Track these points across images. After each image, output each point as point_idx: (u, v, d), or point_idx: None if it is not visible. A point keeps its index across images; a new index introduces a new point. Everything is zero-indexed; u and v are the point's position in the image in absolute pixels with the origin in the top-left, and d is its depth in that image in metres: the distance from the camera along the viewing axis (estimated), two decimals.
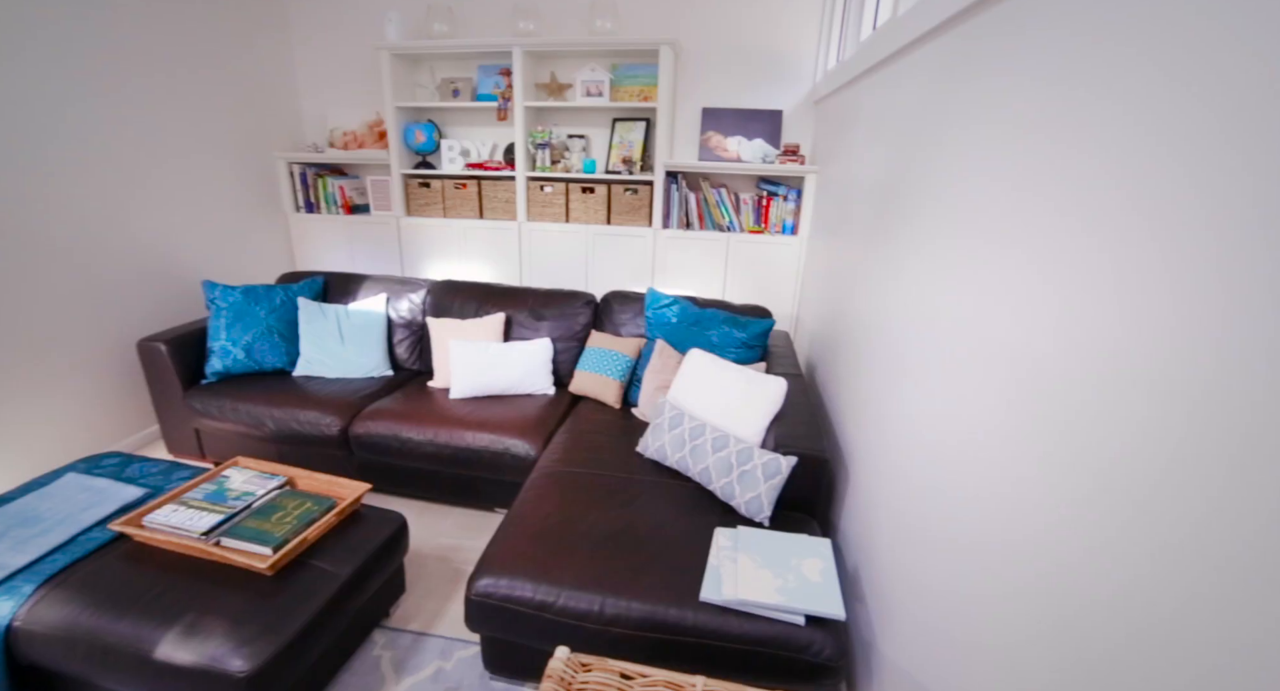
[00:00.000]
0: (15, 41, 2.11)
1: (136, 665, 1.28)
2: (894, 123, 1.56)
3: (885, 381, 1.43)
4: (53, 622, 1.33)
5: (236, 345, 2.47)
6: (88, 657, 1.31)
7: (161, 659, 1.26)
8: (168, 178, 2.72)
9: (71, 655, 1.32)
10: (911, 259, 1.32)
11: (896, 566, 1.25)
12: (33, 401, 2.27)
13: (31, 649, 1.34)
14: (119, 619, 1.33)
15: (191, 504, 1.63)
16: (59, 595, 1.38)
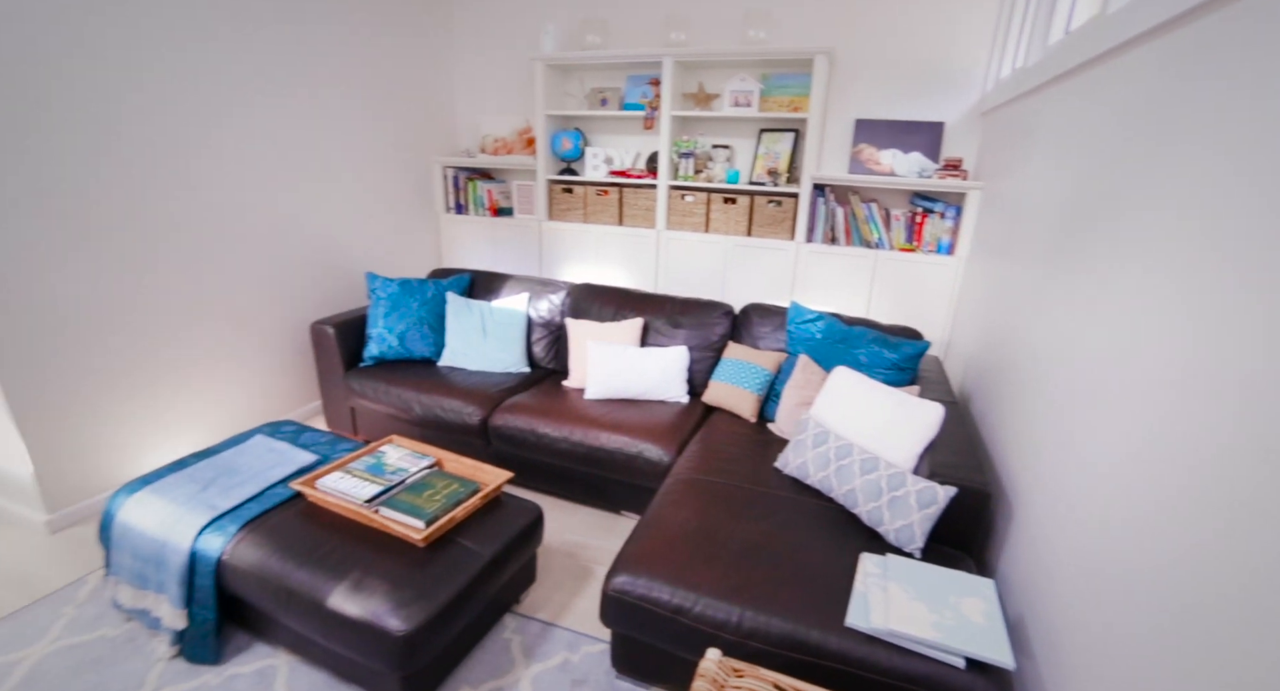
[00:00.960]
0: (233, 64, 2.54)
1: (312, 610, 1.45)
2: (1090, 135, 1.45)
3: (1070, 416, 1.31)
4: (250, 561, 1.56)
5: (392, 333, 2.75)
6: (275, 596, 1.51)
7: (332, 608, 1.43)
8: (342, 179, 3.11)
9: (263, 592, 1.53)
10: (1113, 286, 1.21)
11: (1080, 622, 1.13)
12: (231, 371, 2.67)
13: (235, 581, 1.57)
14: (299, 567, 1.52)
15: (355, 473, 1.83)
16: (254, 538, 1.60)
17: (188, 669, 1.61)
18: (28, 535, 2.14)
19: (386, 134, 3.35)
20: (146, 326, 2.33)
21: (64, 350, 2.11)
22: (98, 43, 2.06)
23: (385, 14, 3.20)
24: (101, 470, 2.27)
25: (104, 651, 1.66)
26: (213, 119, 2.44)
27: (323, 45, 2.88)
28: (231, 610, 1.70)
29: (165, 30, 2.24)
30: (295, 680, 1.59)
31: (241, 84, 2.54)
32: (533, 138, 3.66)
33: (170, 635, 1.64)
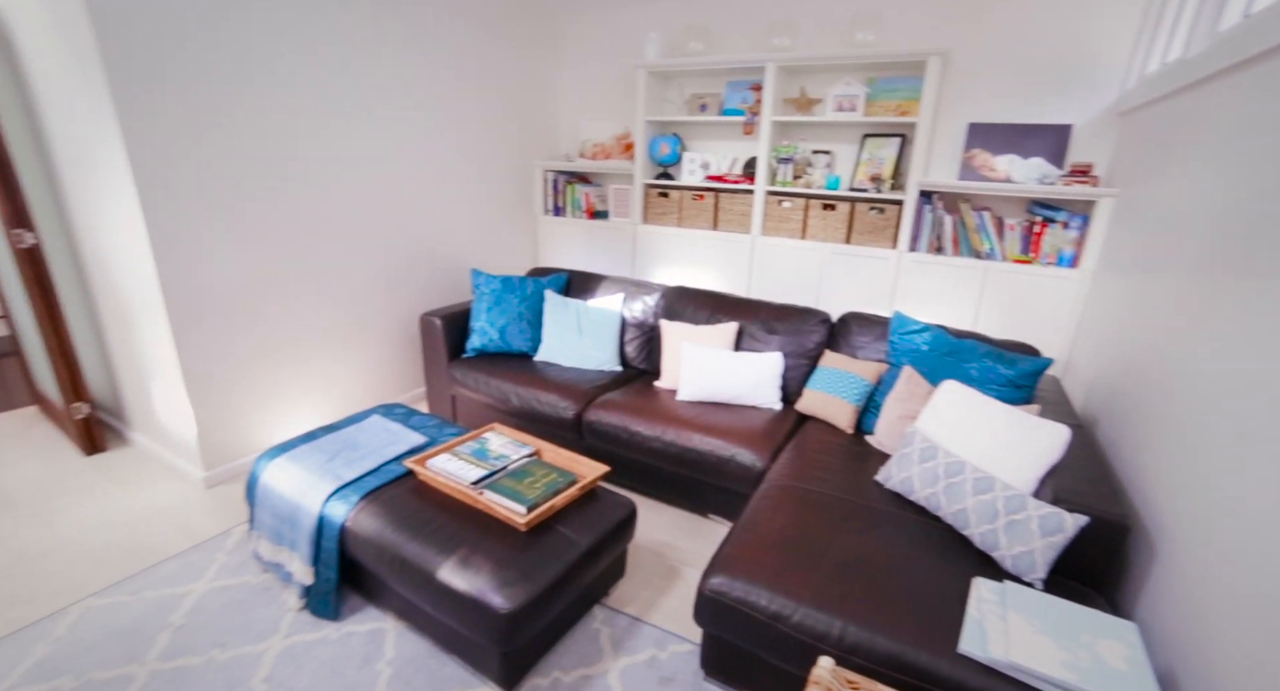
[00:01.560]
0: (364, 76, 2.74)
1: (423, 581, 1.53)
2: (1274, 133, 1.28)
3: (1241, 452, 1.16)
4: (369, 529, 1.66)
5: (493, 327, 2.87)
6: (390, 565, 1.60)
7: (442, 581, 1.50)
8: (452, 180, 3.28)
9: (379, 559, 1.63)
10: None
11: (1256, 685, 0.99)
12: (350, 356, 2.88)
13: (355, 546, 1.69)
14: (412, 539, 1.60)
15: (461, 456, 1.91)
16: (372, 509, 1.71)
17: (311, 621, 1.75)
18: (189, 488, 2.40)
19: (494, 139, 3.50)
20: (286, 311, 2.56)
21: (224, 330, 2.35)
22: (254, 57, 2.29)
23: (500, 28, 3.36)
24: (246, 436, 2.51)
25: (246, 595, 1.83)
26: (346, 126, 2.65)
27: (442, 58, 3.05)
28: (349, 573, 1.82)
29: (308, 46, 2.46)
30: (402, 644, 1.68)
31: (370, 94, 2.73)
32: (631, 143, 3.71)
33: (299, 589, 1.78)
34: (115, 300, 2.45)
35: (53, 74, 2.15)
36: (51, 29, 2.04)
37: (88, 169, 2.22)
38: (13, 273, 2.51)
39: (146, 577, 1.90)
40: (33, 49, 2.18)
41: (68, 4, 1.90)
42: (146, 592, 1.83)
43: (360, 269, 2.85)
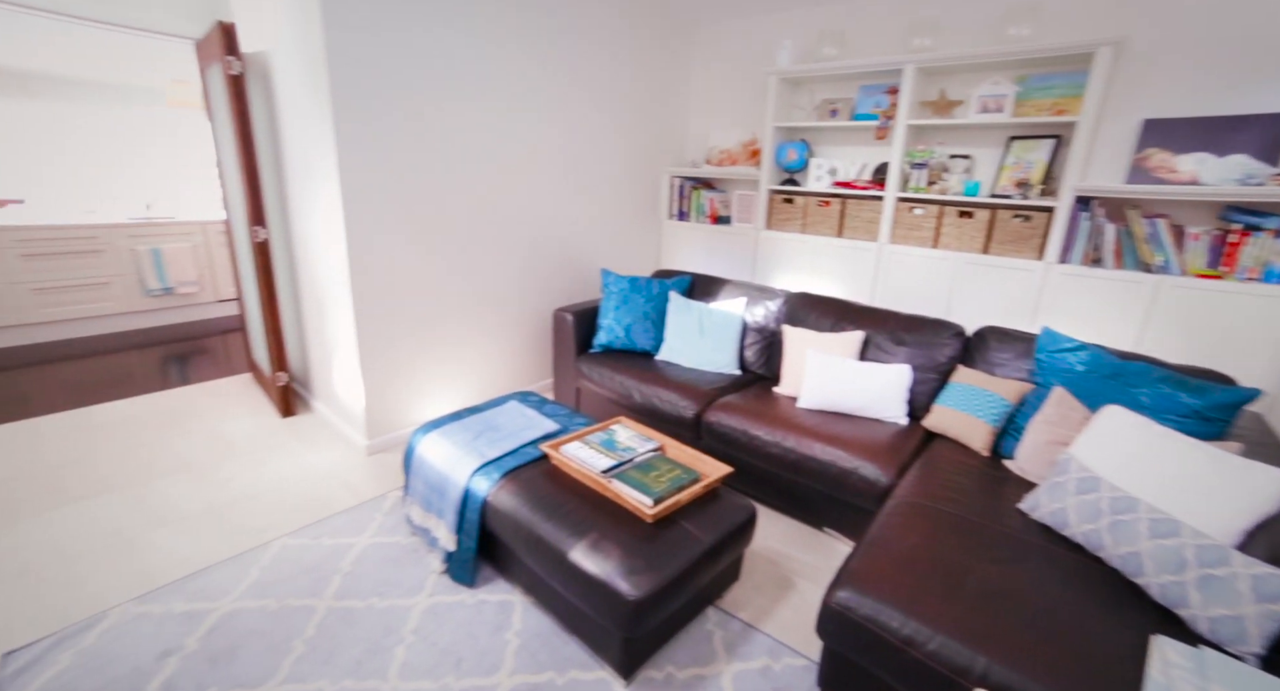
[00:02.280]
0: (512, 87, 2.86)
1: (555, 560, 1.56)
2: None
3: None
4: (507, 506, 1.73)
5: (619, 325, 2.90)
6: (525, 541, 1.65)
7: (573, 562, 1.51)
8: (586, 183, 3.35)
9: (516, 535, 1.68)
10: None
11: None
12: (490, 345, 3.04)
13: (494, 520, 1.76)
14: (546, 519, 1.64)
15: (591, 445, 1.94)
16: (511, 487, 1.78)
17: (451, 585, 1.85)
18: (354, 453, 2.65)
19: (626, 146, 3.54)
20: (442, 303, 2.75)
21: (393, 318, 2.57)
22: (430, 82, 2.47)
23: (636, 40, 3.38)
24: (402, 411, 2.73)
25: (399, 554, 1.98)
26: (498, 136, 2.79)
27: (583, 72, 3.13)
28: (485, 544, 1.91)
29: (470, 69, 2.61)
30: (528, 619, 1.73)
31: (519, 106, 2.86)
32: (757, 149, 3.61)
33: (442, 554, 1.89)
34: (314, 289, 2.77)
35: (294, 103, 2.46)
36: (299, 68, 2.34)
37: (308, 179, 2.52)
38: (249, 263, 2.91)
39: (323, 526, 2.11)
40: (283, 84, 2.51)
41: (314, 50, 2.19)
42: (324, 539, 2.04)
43: (503, 266, 3.00)
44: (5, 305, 4.00)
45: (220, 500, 2.26)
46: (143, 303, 4.55)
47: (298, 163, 2.59)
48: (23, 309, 4.06)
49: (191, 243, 4.76)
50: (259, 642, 1.61)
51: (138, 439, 2.74)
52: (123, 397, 3.23)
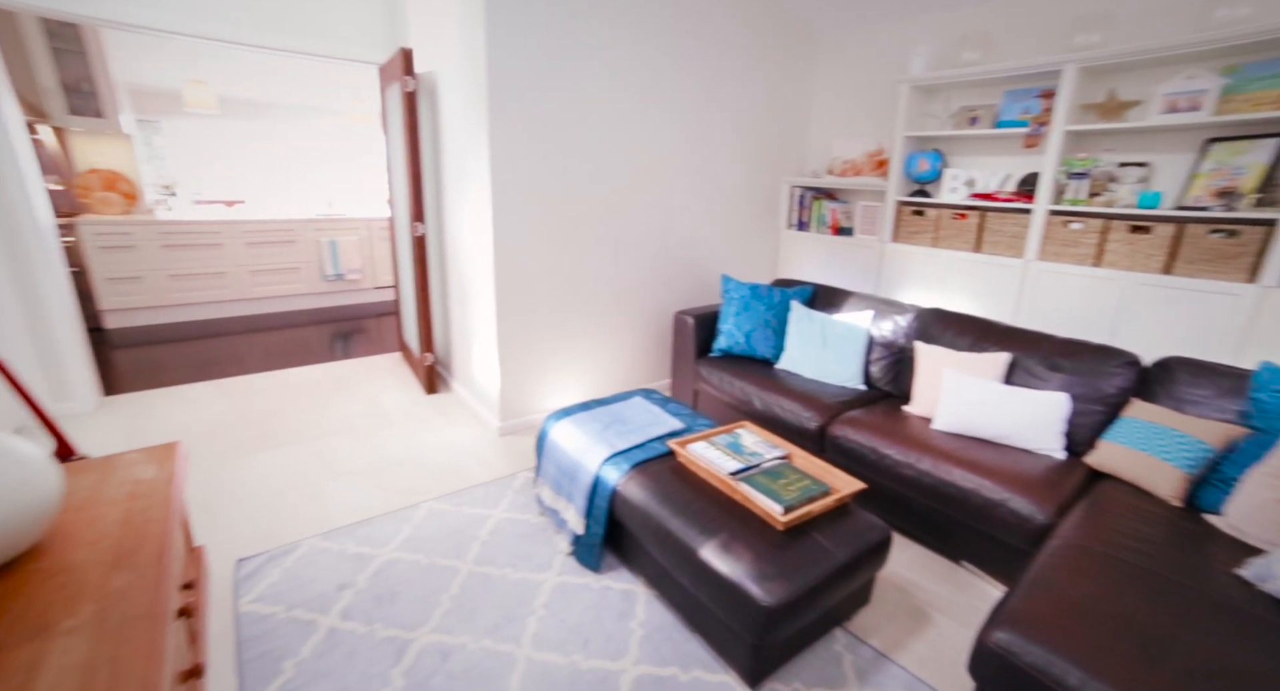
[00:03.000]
0: (641, 96, 2.84)
1: (685, 557, 1.51)
2: None
3: None
4: (636, 497, 1.71)
5: (740, 331, 2.81)
6: (653, 534, 1.62)
7: (704, 561, 1.46)
8: (708, 191, 3.29)
9: (644, 526, 1.66)
10: None
11: None
12: (612, 342, 3.07)
13: (622, 509, 1.75)
14: (675, 515, 1.60)
15: (718, 446, 1.87)
16: (639, 480, 1.76)
17: (577, 568, 1.86)
18: (487, 433, 2.78)
19: (747, 155, 3.44)
20: (571, 299, 2.81)
21: (529, 310, 2.67)
22: (572, 93, 2.52)
23: (760, 50, 3.26)
24: (531, 397, 2.82)
25: (529, 531, 2.03)
26: (628, 142, 2.82)
27: (709, 80, 3.06)
28: (611, 532, 1.90)
29: (608, 76, 2.65)
30: (650, 612, 1.70)
31: (649, 115, 2.87)
32: (883, 159, 3.36)
33: (570, 536, 1.91)
34: (460, 280, 2.94)
35: (455, 115, 2.64)
36: (462, 85, 2.51)
37: (462, 181, 2.69)
38: (407, 255, 3.17)
39: (462, 496, 2.22)
40: (447, 99, 2.71)
41: (476, 66, 2.34)
42: (464, 508, 2.14)
43: (629, 268, 3.02)
44: (231, 283, 4.68)
45: (378, 461, 2.46)
46: (321, 286, 5.12)
47: (454, 167, 2.76)
48: (243, 286, 4.74)
49: (358, 236, 5.28)
50: (413, 591, 1.72)
51: (317, 400, 3.06)
52: (305, 364, 3.64)
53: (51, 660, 0.89)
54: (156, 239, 4.41)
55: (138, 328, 4.42)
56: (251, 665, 1.47)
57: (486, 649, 1.53)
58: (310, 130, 5.67)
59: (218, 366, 3.57)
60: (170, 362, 3.63)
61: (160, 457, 1.51)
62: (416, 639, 1.56)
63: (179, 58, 4.47)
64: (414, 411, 2.97)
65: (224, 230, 4.63)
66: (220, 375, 3.40)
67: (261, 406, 2.95)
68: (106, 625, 0.96)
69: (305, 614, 1.63)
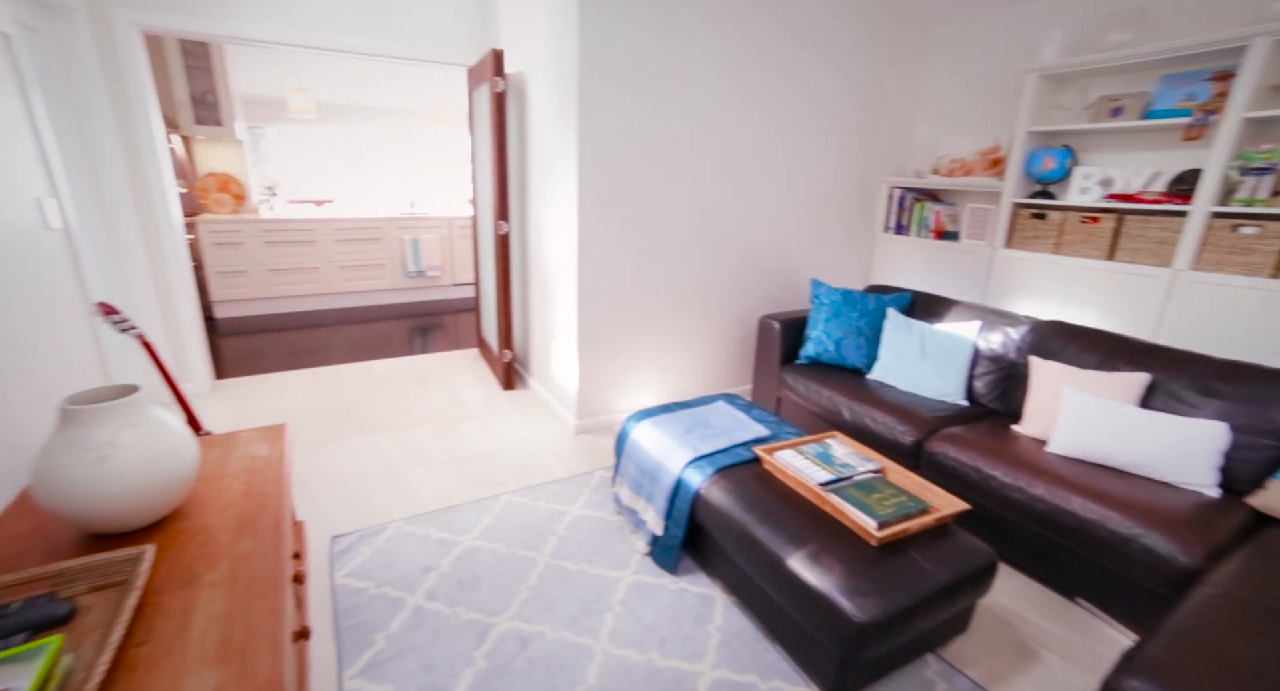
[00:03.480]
0: (737, 98, 2.90)
1: (770, 564, 1.56)
2: None
3: None
4: (719, 501, 1.77)
5: (829, 338, 2.80)
6: (737, 540, 1.68)
7: (791, 570, 1.50)
8: (798, 190, 3.30)
9: (726, 533, 1.72)
10: None
11: None
12: (692, 345, 3.15)
13: (704, 513, 1.82)
14: (760, 522, 1.65)
15: (806, 455, 1.90)
16: (723, 484, 1.82)
17: (654, 568, 1.94)
18: (563, 430, 2.94)
19: (842, 153, 3.42)
20: (653, 301, 2.92)
21: (610, 310, 2.80)
22: (661, 91, 2.64)
23: (858, 39, 3.22)
24: (608, 397, 2.95)
25: (605, 528, 2.14)
26: (715, 142, 2.90)
27: (803, 75, 3.08)
28: (689, 536, 1.97)
29: (697, 75, 2.74)
30: (729, 618, 1.75)
31: (736, 111, 2.93)
32: (999, 158, 3.24)
33: (648, 536, 2.00)
34: (541, 278, 3.13)
35: (543, 114, 2.84)
36: (551, 82, 2.69)
37: (548, 180, 2.88)
38: (490, 253, 3.41)
39: (540, 491, 2.36)
40: (536, 98, 2.91)
41: (567, 66, 2.50)
42: (542, 502, 2.28)
43: (712, 270, 3.09)
44: (322, 278, 5.20)
45: (459, 452, 2.66)
46: (403, 282, 5.56)
47: (540, 166, 2.96)
48: (333, 281, 5.25)
49: (439, 234, 5.69)
50: (494, 578, 1.86)
51: (400, 391, 3.35)
52: (388, 356, 3.98)
53: (199, 607, 1.06)
54: (260, 236, 4.98)
55: (242, 318, 4.99)
56: (347, 633, 1.66)
57: (565, 639, 1.64)
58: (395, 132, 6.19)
59: (310, 356, 3.97)
60: (269, 351, 4.08)
61: (272, 437, 1.73)
62: (497, 624, 1.69)
63: (284, 67, 5.05)
64: (492, 406, 3.18)
65: (317, 228, 5.15)
66: (313, 364, 3.78)
67: (350, 395, 3.27)
68: (238, 583, 1.13)
69: (394, 591, 1.81)
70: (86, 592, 1.09)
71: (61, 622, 1.00)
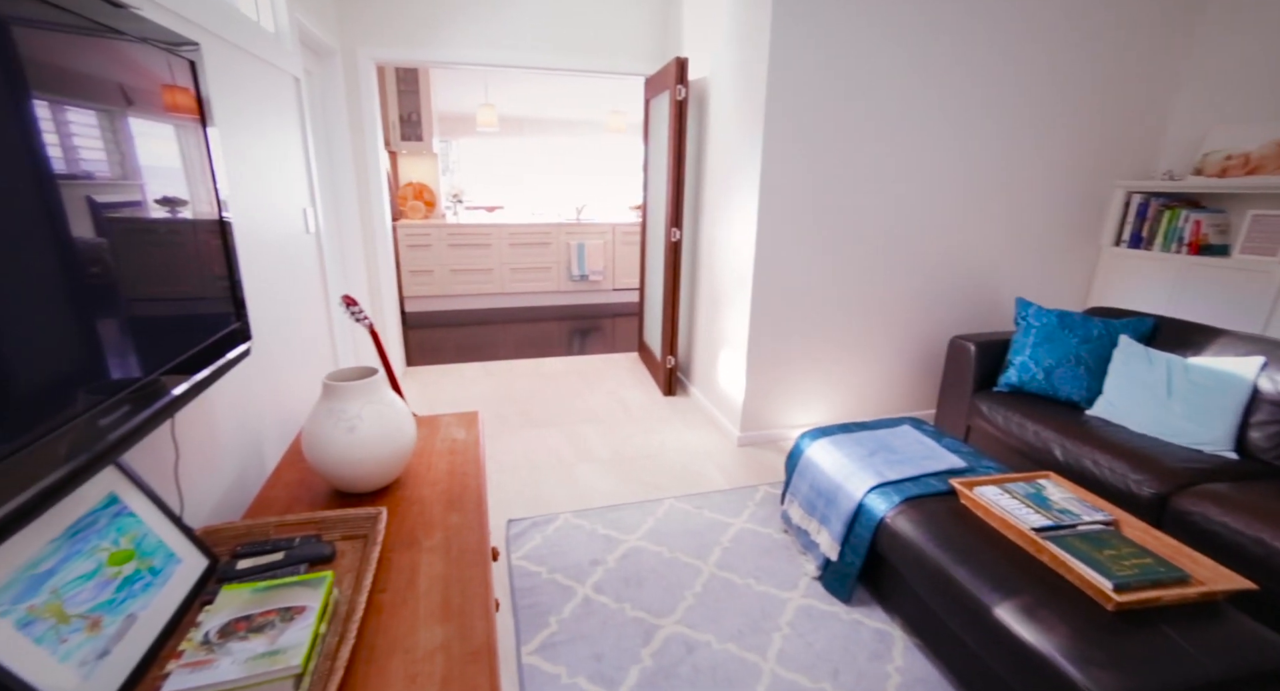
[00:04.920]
0: (934, 96, 2.69)
1: (971, 610, 1.43)
2: None
3: None
4: (908, 533, 1.67)
5: (1038, 365, 2.51)
6: (927, 578, 1.57)
7: (1000, 621, 1.36)
8: (1001, 198, 2.99)
9: (914, 568, 1.61)
10: None
11: None
12: (871, 362, 3.01)
13: (888, 544, 1.73)
14: (958, 562, 1.52)
15: (1014, 495, 1.71)
16: (912, 515, 1.71)
17: (824, 593, 1.88)
18: (724, 441, 2.96)
19: (1060, 154, 3.03)
20: (830, 314, 2.84)
21: (783, 321, 2.78)
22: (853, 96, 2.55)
23: (1092, 16, 2.82)
24: (775, 411, 2.92)
25: (771, 546, 2.12)
26: (910, 143, 2.74)
27: (1013, 70, 2.79)
28: (866, 565, 1.88)
29: (894, 76, 2.59)
30: (910, 661, 1.64)
31: (933, 110, 2.73)
32: None
33: (819, 560, 1.94)
34: (711, 285, 3.19)
35: (724, 120, 2.91)
36: (734, 92, 2.76)
37: (725, 187, 2.93)
38: (659, 259, 3.56)
39: (703, 499, 2.40)
40: (717, 105, 3.00)
41: (754, 72, 2.54)
42: (705, 511, 2.32)
43: (897, 283, 2.92)
44: (495, 279, 5.79)
45: (623, 452, 2.80)
46: (567, 285, 5.99)
47: (718, 174, 3.01)
48: (504, 282, 5.83)
49: (603, 240, 6.03)
50: (658, 581, 1.93)
51: (566, 389, 3.61)
52: (550, 355, 4.31)
53: (422, 568, 1.23)
54: (446, 239, 5.67)
55: (427, 313, 5.72)
56: (524, 612, 1.82)
57: (731, 653, 1.65)
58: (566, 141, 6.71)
59: (482, 350, 4.44)
60: (448, 343, 4.63)
61: (467, 423, 1.95)
62: (663, 626, 1.75)
63: (474, 87, 5.72)
64: (653, 411, 3.30)
65: (494, 232, 5.74)
66: (485, 358, 4.22)
67: (521, 389, 3.60)
68: (451, 551, 1.29)
69: (564, 579, 1.95)
70: (339, 539, 1.32)
71: (326, 561, 1.22)
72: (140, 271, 0.96)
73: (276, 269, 1.97)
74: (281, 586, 1.01)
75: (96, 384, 0.81)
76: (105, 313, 0.86)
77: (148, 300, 0.98)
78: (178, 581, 1.01)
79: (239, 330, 1.31)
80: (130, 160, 0.95)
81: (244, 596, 0.98)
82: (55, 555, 0.81)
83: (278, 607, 0.96)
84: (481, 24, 3.40)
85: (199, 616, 0.99)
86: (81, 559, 0.85)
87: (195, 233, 1.16)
